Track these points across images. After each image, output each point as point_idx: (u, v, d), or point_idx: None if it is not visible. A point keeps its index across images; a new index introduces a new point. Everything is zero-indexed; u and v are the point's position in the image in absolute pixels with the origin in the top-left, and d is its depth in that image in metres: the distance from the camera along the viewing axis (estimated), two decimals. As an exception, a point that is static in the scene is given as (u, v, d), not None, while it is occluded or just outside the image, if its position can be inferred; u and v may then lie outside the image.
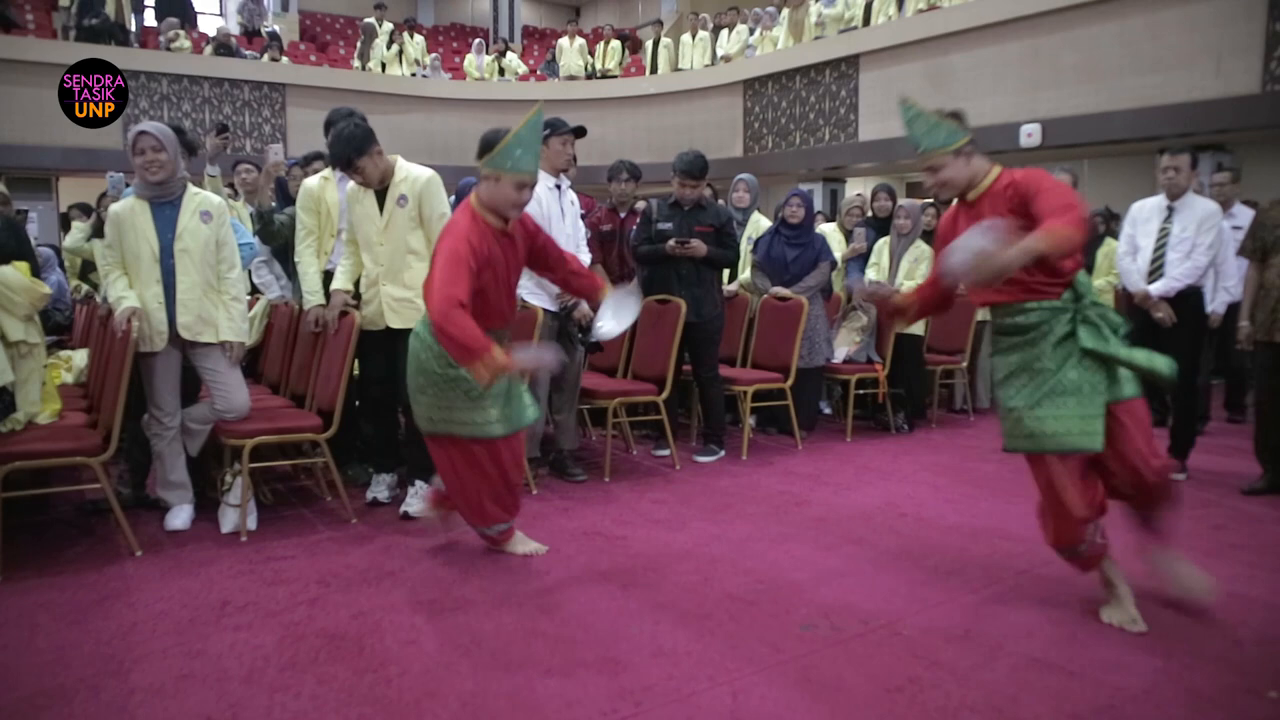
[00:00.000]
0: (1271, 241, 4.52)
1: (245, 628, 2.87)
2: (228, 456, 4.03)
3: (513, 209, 3.27)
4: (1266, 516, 4.24)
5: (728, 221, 5.32)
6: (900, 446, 5.79)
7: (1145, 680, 2.57)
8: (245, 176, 5.69)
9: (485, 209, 3.25)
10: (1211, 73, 8.37)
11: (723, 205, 5.92)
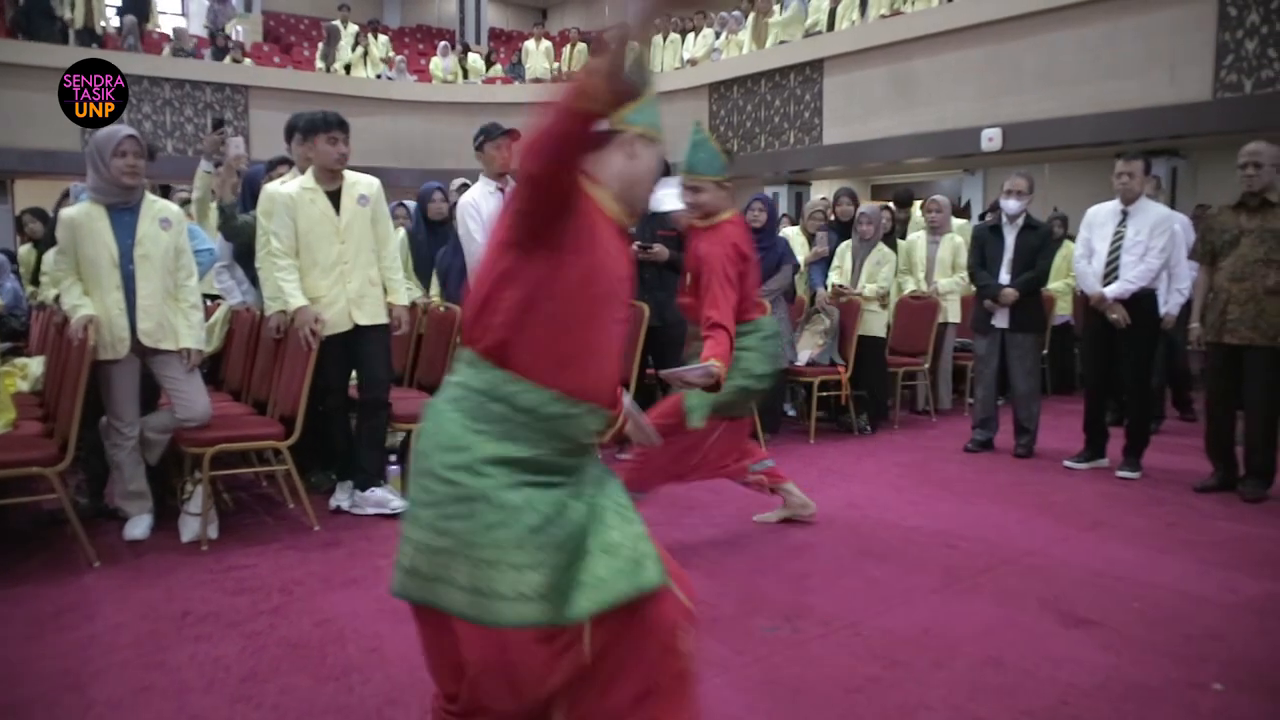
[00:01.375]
0: (1221, 245, 4.63)
1: (206, 638, 2.85)
2: (188, 464, 3.99)
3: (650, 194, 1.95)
4: (1217, 513, 4.34)
5: (690, 226, 5.35)
6: (863, 448, 5.86)
7: (1097, 676, 2.64)
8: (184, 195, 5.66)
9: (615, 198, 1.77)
10: (1165, 80, 8.54)
11: (685, 210, 5.95)
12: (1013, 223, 5.50)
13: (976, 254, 5.65)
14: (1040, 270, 5.45)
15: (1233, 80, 8.14)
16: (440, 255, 5.55)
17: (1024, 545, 3.85)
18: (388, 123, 14.42)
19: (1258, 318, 4.47)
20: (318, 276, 4.09)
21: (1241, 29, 8.06)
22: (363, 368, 4.23)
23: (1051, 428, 5.89)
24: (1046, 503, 4.51)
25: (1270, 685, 2.59)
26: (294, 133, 4.56)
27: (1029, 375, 5.50)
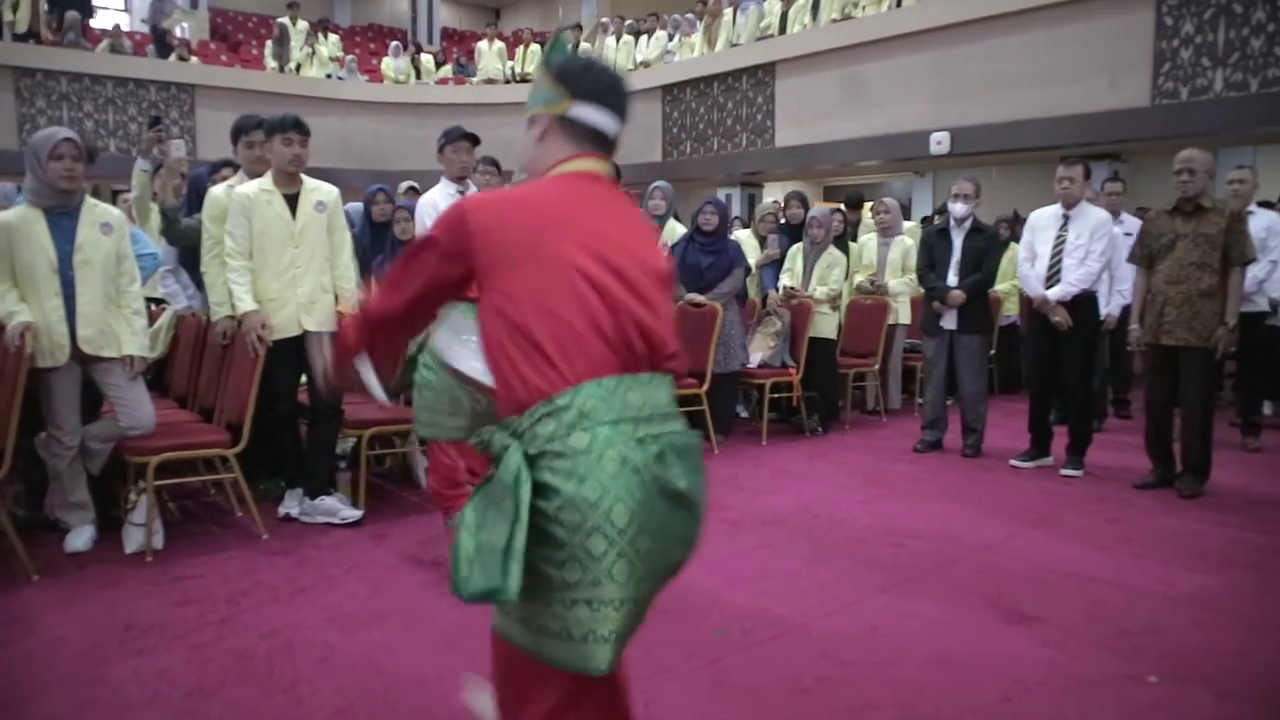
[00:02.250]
0: (1158, 249, 4.76)
1: (149, 652, 2.79)
2: (132, 474, 3.91)
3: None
4: (1155, 509, 4.46)
5: (644, 229, 5.37)
6: (815, 449, 5.92)
7: (1040, 672, 2.70)
8: (127, 198, 5.55)
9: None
10: (1106, 86, 8.76)
11: (639, 214, 5.97)
12: (960, 226, 5.60)
13: (925, 256, 5.74)
14: (987, 272, 5.55)
15: (1170, 87, 8.37)
16: (376, 263, 5.48)
17: (971, 543, 3.93)
18: (338, 123, 14.24)
19: (1193, 319, 4.60)
20: (269, 279, 4.04)
21: (1177, 38, 8.29)
22: (313, 375, 4.18)
23: (999, 427, 6.00)
24: (993, 501, 4.61)
25: (1203, 676, 2.67)
26: (240, 134, 4.50)
27: (976, 376, 5.60)
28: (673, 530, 1.48)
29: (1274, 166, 9.41)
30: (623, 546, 1.41)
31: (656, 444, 1.47)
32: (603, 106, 1.63)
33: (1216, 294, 4.59)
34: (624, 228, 1.60)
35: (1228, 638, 2.95)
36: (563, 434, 1.43)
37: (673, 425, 1.53)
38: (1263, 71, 7.82)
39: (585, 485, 1.40)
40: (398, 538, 3.99)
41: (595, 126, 1.63)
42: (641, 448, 1.45)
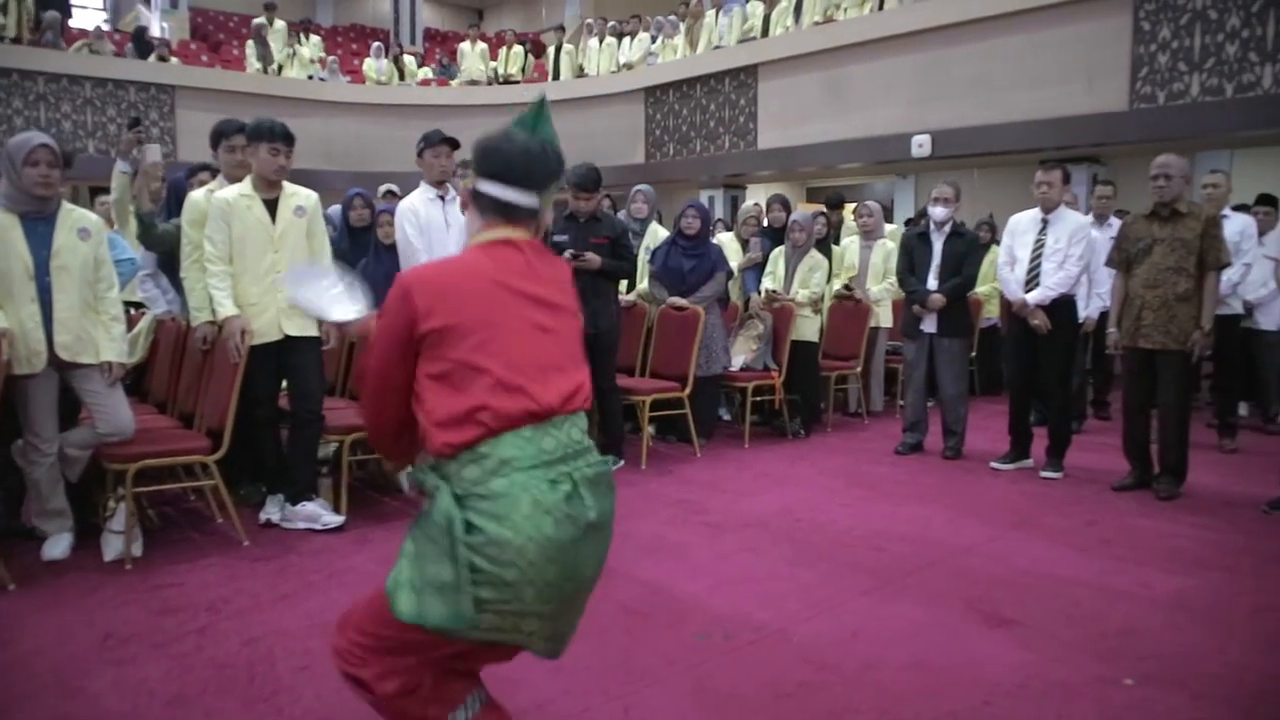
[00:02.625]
0: (1135, 253, 4.80)
1: (129, 662, 2.78)
2: (111, 481, 3.88)
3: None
4: (1133, 511, 4.51)
5: (623, 233, 5.39)
6: (797, 451, 5.94)
7: (1019, 675, 2.72)
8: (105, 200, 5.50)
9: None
10: (1085, 90, 8.83)
11: (618, 217, 5.99)
12: (940, 229, 5.63)
13: (905, 260, 5.77)
14: (967, 276, 5.59)
15: (1147, 92, 8.45)
16: (360, 267, 5.47)
17: (951, 546, 3.96)
18: (320, 124, 14.17)
19: (1169, 323, 4.65)
20: (248, 284, 4.03)
21: (1154, 43, 8.38)
22: (294, 380, 4.17)
23: (980, 429, 6.05)
24: (973, 503, 4.64)
25: (1177, 678, 2.70)
26: (220, 138, 4.47)
27: (956, 379, 5.64)
28: (582, 556, 1.71)
29: (1250, 170, 9.52)
30: (532, 576, 1.64)
31: (567, 483, 1.69)
32: (504, 183, 1.81)
33: (1193, 298, 4.64)
34: (539, 284, 1.80)
35: (1202, 639, 2.99)
36: (485, 479, 1.66)
37: (583, 460, 1.75)
38: (1237, 77, 7.91)
39: (504, 525, 1.62)
40: (380, 543, 3.98)
41: (498, 199, 1.82)
42: (553, 489, 1.66)
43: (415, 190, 4.82)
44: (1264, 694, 2.62)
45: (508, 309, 1.74)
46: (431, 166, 4.70)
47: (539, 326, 1.76)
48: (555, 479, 1.67)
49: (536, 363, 1.73)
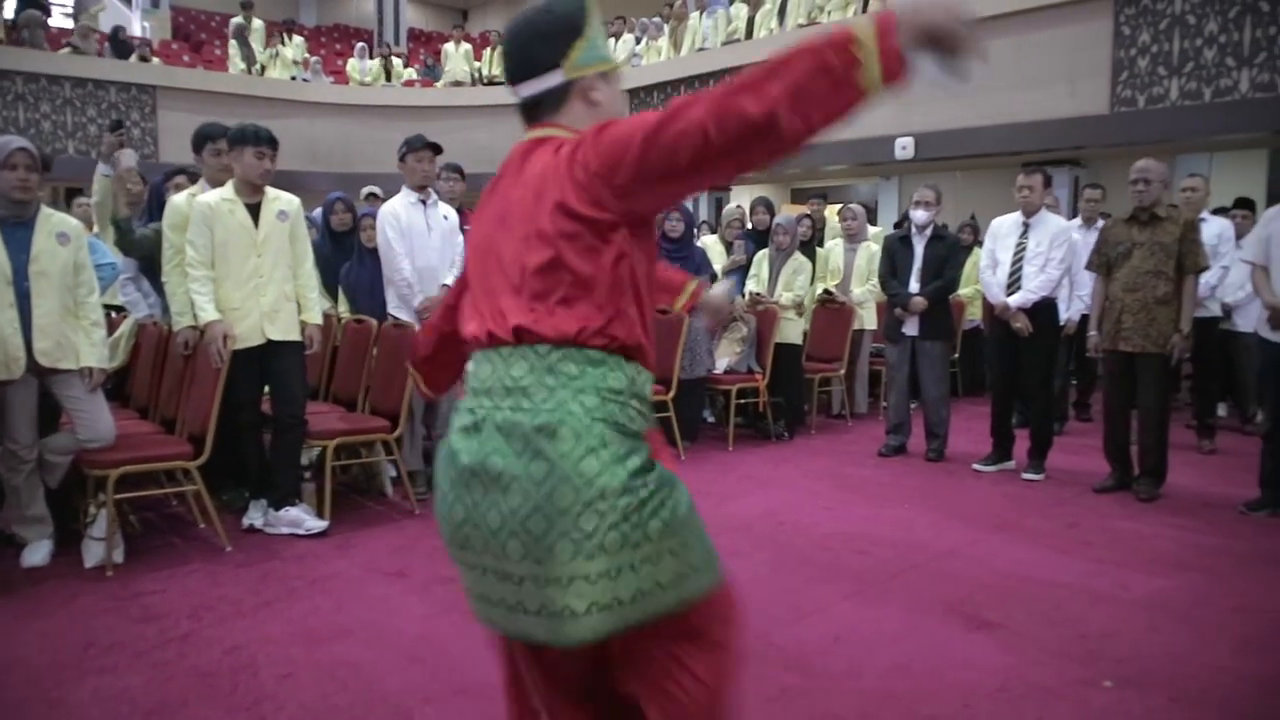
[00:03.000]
0: (1114, 256, 4.85)
1: (110, 670, 2.76)
2: (91, 487, 3.86)
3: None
4: (1114, 513, 4.55)
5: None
6: (780, 454, 5.96)
7: (998, 678, 2.75)
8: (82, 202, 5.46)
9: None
10: (1067, 93, 8.91)
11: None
12: (921, 233, 5.67)
13: (887, 263, 5.80)
14: (948, 279, 5.62)
15: (1128, 95, 8.53)
16: (344, 271, 5.46)
17: (934, 549, 3.98)
18: (304, 125, 14.11)
19: (1149, 326, 4.69)
20: (231, 288, 4.01)
21: (1134, 47, 8.45)
22: (277, 384, 4.16)
23: (962, 431, 6.09)
24: (956, 506, 4.67)
25: (1156, 680, 2.73)
26: (205, 141, 4.45)
27: (938, 381, 5.67)
28: (462, 502, 1.48)
29: (1228, 173, 9.62)
30: (444, 509, 1.52)
31: (470, 418, 1.50)
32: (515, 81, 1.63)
33: (1172, 301, 4.68)
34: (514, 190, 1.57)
35: (1180, 640, 3.02)
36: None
37: (510, 401, 1.46)
38: (1215, 81, 7.99)
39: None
40: (363, 548, 3.97)
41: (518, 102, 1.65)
42: (460, 417, 1.52)
43: (397, 194, 4.82)
44: (1240, 695, 2.65)
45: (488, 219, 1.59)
46: (414, 171, 4.70)
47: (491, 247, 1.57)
48: (472, 408, 1.51)
49: (483, 285, 1.56)
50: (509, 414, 1.46)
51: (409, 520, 4.44)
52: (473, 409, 1.51)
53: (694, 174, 1.38)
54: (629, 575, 1.44)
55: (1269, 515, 4.44)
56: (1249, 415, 6.50)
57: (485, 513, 1.45)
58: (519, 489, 1.42)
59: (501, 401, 1.48)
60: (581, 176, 1.44)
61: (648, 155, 1.37)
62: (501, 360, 1.50)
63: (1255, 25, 7.75)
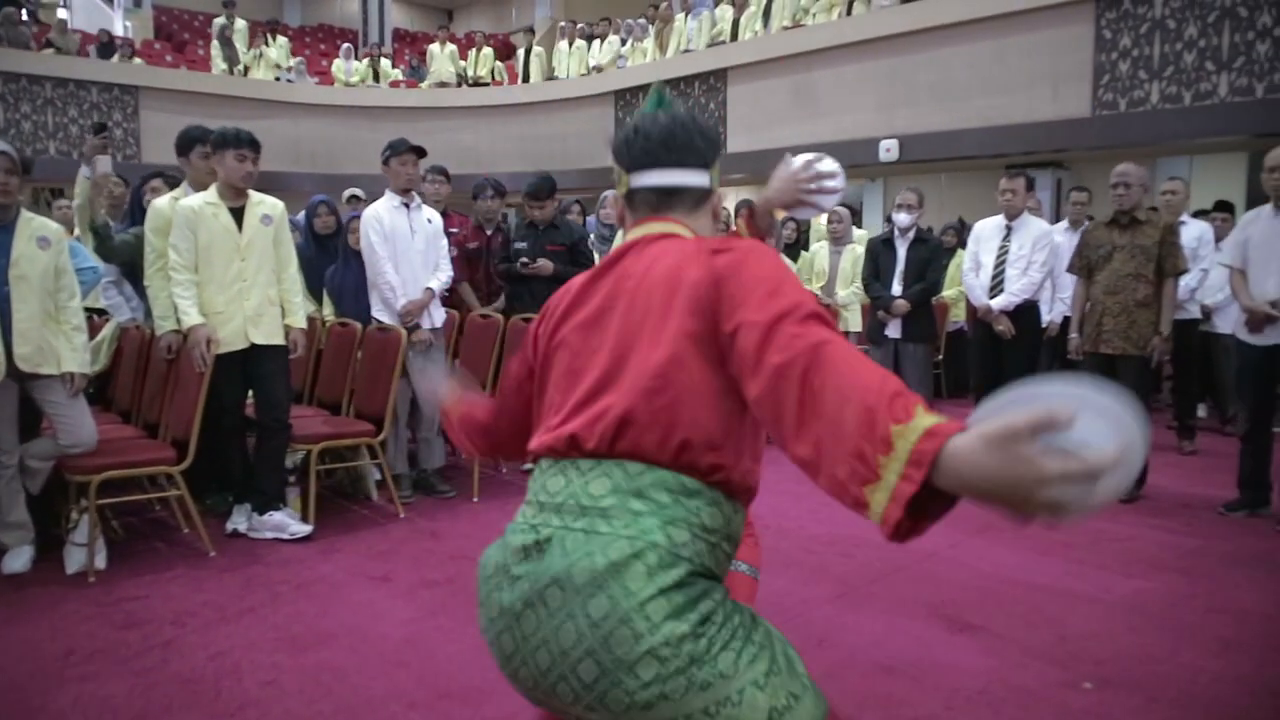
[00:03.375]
0: (1095, 259, 4.89)
1: (92, 678, 2.75)
2: (73, 492, 3.84)
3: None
4: (1095, 515, 4.57)
5: (580, 240, 5.46)
6: (766, 456, 5.95)
7: (980, 681, 2.77)
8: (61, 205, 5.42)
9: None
10: (1049, 97, 8.98)
11: (576, 224, 6.04)
12: (904, 235, 5.70)
13: (870, 266, 5.84)
14: (930, 282, 5.66)
15: (1109, 99, 8.60)
16: (330, 274, 5.45)
17: (917, 551, 4.00)
18: (288, 126, 14.06)
19: (1129, 329, 4.74)
20: (214, 292, 4.00)
21: (1115, 51, 8.53)
22: (261, 389, 4.15)
23: (945, 432, 6.12)
24: (938, 508, 4.69)
25: (1134, 681, 2.76)
26: (192, 144, 4.43)
27: (921, 383, 5.70)
28: (529, 644, 1.29)
29: (1208, 177, 9.72)
30: (481, 600, 1.39)
31: (536, 533, 1.32)
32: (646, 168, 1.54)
33: (1152, 304, 4.72)
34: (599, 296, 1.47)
35: (1159, 642, 3.05)
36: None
37: (585, 521, 1.29)
38: (1195, 85, 8.07)
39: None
40: (348, 552, 3.97)
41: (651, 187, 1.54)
42: (520, 532, 1.35)
43: (381, 198, 4.81)
44: (1216, 695, 2.68)
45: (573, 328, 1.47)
46: (398, 174, 4.69)
47: (587, 343, 1.43)
48: (534, 523, 1.34)
49: (574, 385, 1.40)
50: (576, 535, 1.29)
51: (394, 524, 4.43)
52: (535, 523, 1.34)
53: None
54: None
55: (1247, 516, 4.49)
56: (1228, 416, 6.57)
57: (535, 650, 1.28)
58: (574, 629, 1.25)
59: (572, 520, 1.31)
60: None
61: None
62: (575, 472, 1.35)
63: (1234, 30, 7.83)
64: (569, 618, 1.25)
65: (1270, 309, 4.27)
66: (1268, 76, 7.67)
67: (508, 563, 1.33)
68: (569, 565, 1.26)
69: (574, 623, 1.24)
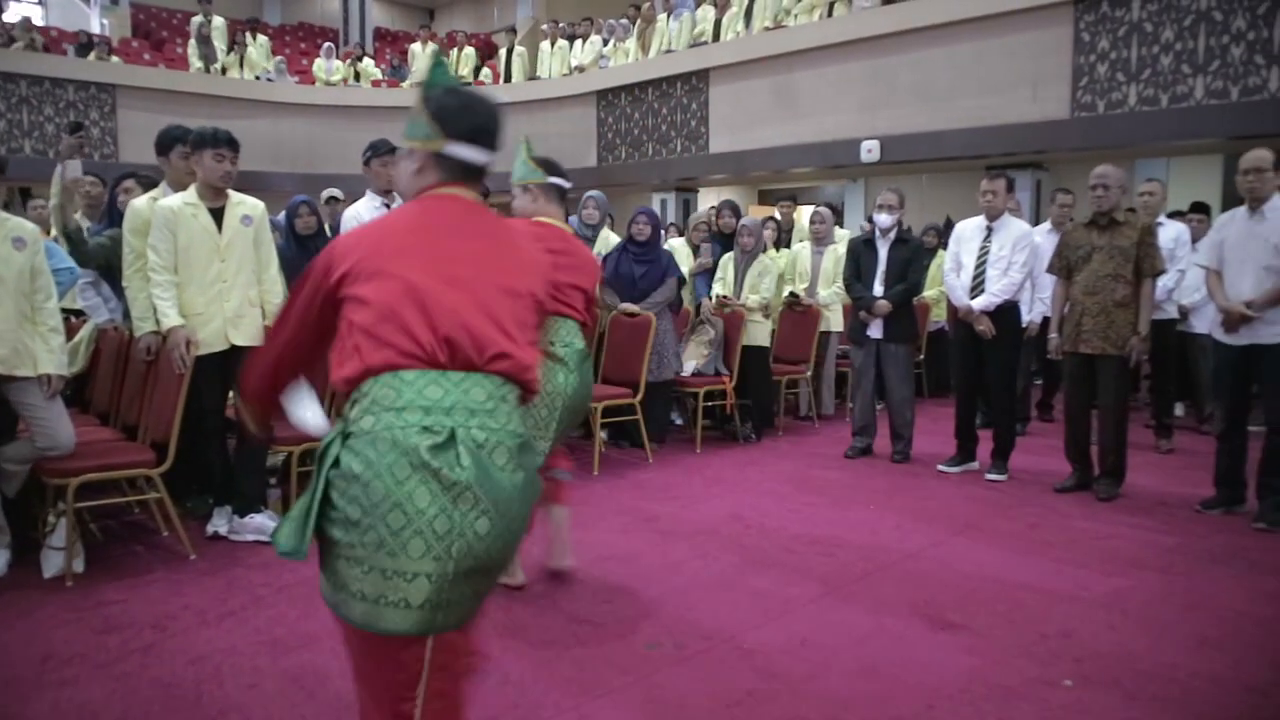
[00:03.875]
0: (1075, 260, 4.93)
1: (70, 683, 2.72)
2: (50, 495, 3.80)
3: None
4: (1074, 513, 4.63)
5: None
6: (748, 456, 6.00)
7: (961, 679, 2.79)
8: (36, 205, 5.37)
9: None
10: (1029, 98, 9.04)
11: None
12: (885, 236, 5.73)
13: (851, 267, 5.86)
14: (912, 282, 5.69)
15: (1088, 101, 8.67)
16: None
17: (898, 551, 4.03)
18: (268, 125, 13.96)
19: (1108, 329, 4.78)
20: (194, 293, 3.97)
21: (1094, 54, 8.60)
22: None
23: (927, 432, 6.16)
24: (920, 507, 4.73)
25: (1113, 678, 2.79)
26: (172, 144, 4.39)
27: (903, 383, 5.74)
28: (464, 520, 1.57)
29: (1185, 178, 9.82)
30: (374, 518, 1.54)
31: (443, 434, 1.57)
32: (475, 145, 1.80)
33: (1130, 304, 4.77)
34: (479, 244, 1.76)
35: (1137, 639, 3.08)
36: (358, 416, 1.61)
37: (482, 421, 1.62)
38: (1172, 88, 8.15)
39: (357, 460, 1.57)
40: (329, 555, 3.94)
41: (467, 161, 1.80)
42: (424, 434, 1.56)
43: (361, 199, 4.79)
44: (1193, 691, 2.71)
45: (414, 255, 1.69)
46: (379, 175, 4.69)
47: (450, 279, 1.68)
48: (429, 425, 1.57)
49: (434, 312, 1.65)
50: (477, 432, 1.61)
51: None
52: (431, 426, 1.58)
53: None
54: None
55: (1223, 513, 4.55)
56: (1205, 415, 6.64)
57: (474, 522, 1.57)
58: (491, 509, 1.59)
59: (468, 419, 1.61)
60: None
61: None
62: (453, 382, 1.63)
63: (1209, 34, 7.92)
64: (503, 491, 1.60)
65: (1245, 309, 4.32)
66: (1242, 80, 7.76)
67: (414, 455, 1.55)
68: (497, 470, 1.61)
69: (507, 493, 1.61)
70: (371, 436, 1.57)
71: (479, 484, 1.57)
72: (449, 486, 1.55)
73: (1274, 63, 7.60)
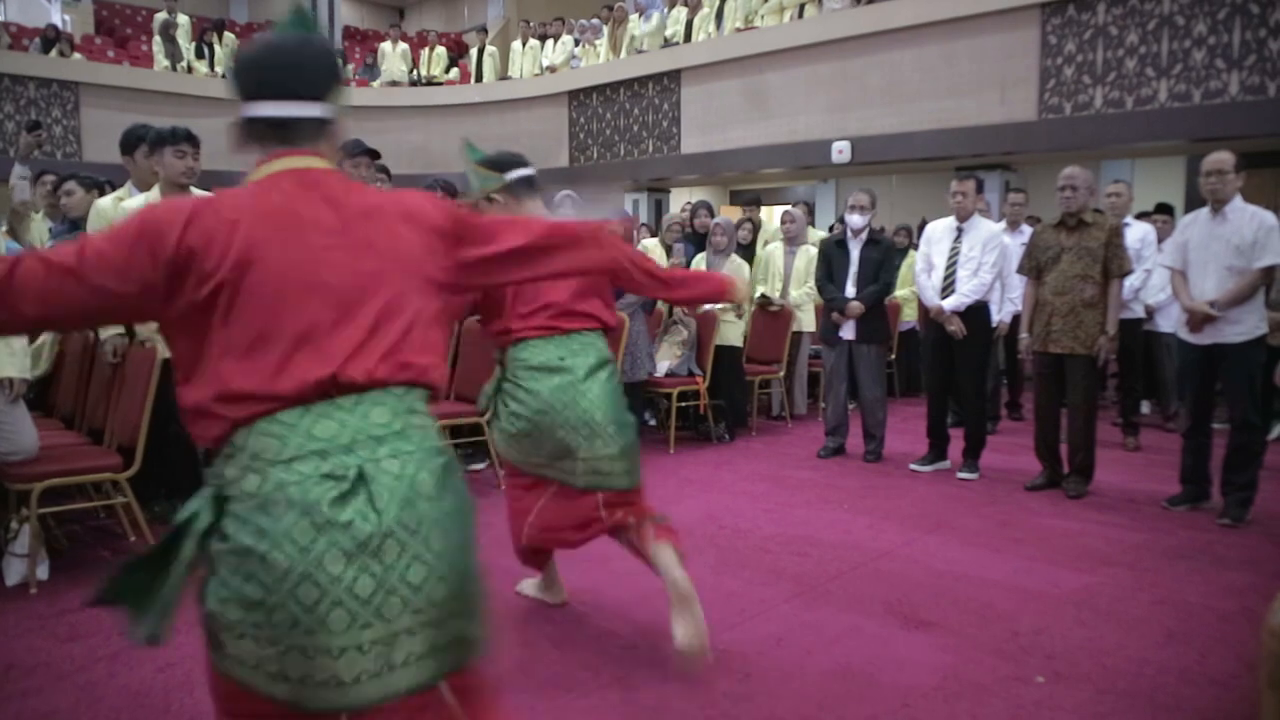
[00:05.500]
0: (1044, 261, 4.99)
1: (34, 693, 2.67)
2: (13, 501, 3.72)
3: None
4: (1044, 510, 4.68)
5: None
6: (721, 457, 6.01)
7: (935, 677, 2.81)
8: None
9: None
10: (997, 100, 9.14)
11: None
12: (857, 237, 5.76)
13: (823, 268, 5.89)
14: (884, 283, 5.72)
15: (1055, 103, 8.79)
16: None
17: (871, 550, 4.05)
18: (235, 124, 13.76)
19: (1077, 329, 4.84)
20: None
21: (1060, 56, 8.72)
22: None
23: (899, 431, 6.21)
24: (893, 506, 4.76)
25: (1083, 674, 2.82)
26: (136, 143, 4.33)
27: (875, 384, 5.77)
28: (390, 573, 1.33)
29: (1149, 179, 9.98)
30: (282, 596, 1.29)
31: (345, 480, 1.33)
32: (273, 98, 1.50)
33: (1098, 304, 4.83)
34: (330, 231, 1.45)
35: (1105, 635, 3.12)
36: (237, 476, 1.35)
37: (393, 447, 1.38)
38: (1136, 91, 8.28)
39: (246, 531, 1.32)
40: (301, 560, 3.90)
41: (274, 119, 1.49)
42: (325, 484, 1.32)
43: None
44: (1163, 686, 2.75)
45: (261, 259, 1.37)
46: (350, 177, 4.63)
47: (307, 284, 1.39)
48: (330, 472, 1.33)
49: (304, 322, 1.37)
50: (388, 462, 1.37)
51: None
52: (331, 472, 1.33)
53: None
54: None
55: (1189, 510, 4.62)
56: (1170, 413, 6.75)
57: (405, 572, 1.34)
58: (432, 547, 1.38)
59: (374, 450, 1.37)
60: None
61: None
62: (342, 409, 1.38)
63: (1172, 38, 8.05)
64: (435, 524, 1.39)
65: (1209, 309, 4.39)
66: (1204, 83, 7.90)
67: (316, 514, 1.30)
68: (420, 498, 1.38)
69: (441, 525, 1.39)
70: (260, 500, 1.31)
71: (401, 526, 1.34)
72: (364, 543, 1.31)
73: (1234, 67, 7.75)
